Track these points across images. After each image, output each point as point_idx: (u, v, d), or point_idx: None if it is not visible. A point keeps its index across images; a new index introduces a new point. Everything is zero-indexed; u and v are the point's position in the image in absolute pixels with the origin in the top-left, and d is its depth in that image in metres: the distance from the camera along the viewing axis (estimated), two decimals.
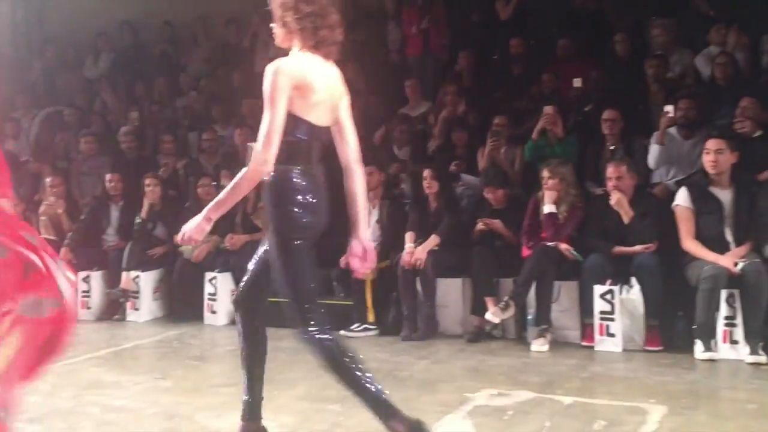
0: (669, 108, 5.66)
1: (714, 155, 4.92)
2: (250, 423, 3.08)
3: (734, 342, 4.68)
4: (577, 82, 6.70)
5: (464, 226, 5.82)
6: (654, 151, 5.75)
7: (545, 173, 5.47)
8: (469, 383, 4.20)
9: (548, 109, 6.16)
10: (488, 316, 5.23)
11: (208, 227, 2.82)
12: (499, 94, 7.33)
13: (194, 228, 2.80)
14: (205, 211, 2.80)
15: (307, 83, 2.76)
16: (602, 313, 5.03)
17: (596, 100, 6.51)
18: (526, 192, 5.92)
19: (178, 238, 2.89)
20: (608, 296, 5.03)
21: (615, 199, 5.18)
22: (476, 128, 6.75)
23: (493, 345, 5.30)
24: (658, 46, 6.85)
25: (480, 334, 5.41)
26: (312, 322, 2.81)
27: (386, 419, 2.76)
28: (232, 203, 2.81)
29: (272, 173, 2.78)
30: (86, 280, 6.76)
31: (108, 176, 7.20)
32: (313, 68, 2.81)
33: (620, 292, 5.03)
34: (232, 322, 6.25)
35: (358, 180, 2.97)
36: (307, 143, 2.82)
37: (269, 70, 2.74)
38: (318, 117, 2.83)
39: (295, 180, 2.80)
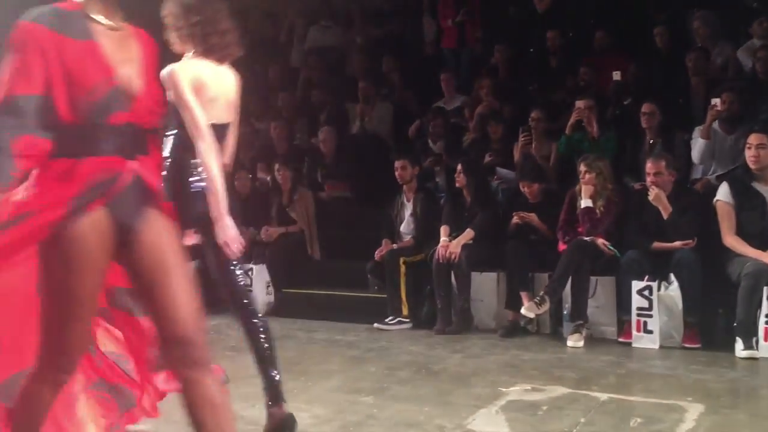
0: (716, 101, 5.54)
1: (756, 150, 4.82)
2: (275, 408, 3.13)
3: None
4: (616, 75, 6.60)
5: (499, 220, 5.79)
6: (699, 145, 5.65)
7: (582, 167, 5.41)
8: (503, 378, 4.18)
9: (580, 104, 6.09)
10: (523, 310, 5.20)
11: (230, 221, 2.95)
12: (536, 88, 7.27)
13: (226, 235, 2.96)
14: (216, 215, 2.92)
15: (199, 80, 2.94)
16: (640, 309, 4.96)
17: (635, 94, 6.41)
18: (562, 186, 5.86)
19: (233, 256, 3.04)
20: (646, 292, 4.96)
21: (653, 194, 5.10)
22: (512, 122, 6.70)
23: (528, 340, 5.26)
24: (699, 39, 6.71)
25: (514, 329, 5.38)
26: None
27: None
28: (220, 187, 2.91)
29: (170, 163, 2.98)
30: None
31: None
32: (204, 68, 2.99)
33: (658, 288, 4.95)
34: (267, 314, 6.32)
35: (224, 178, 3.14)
36: None
37: (164, 75, 2.90)
38: (215, 114, 2.99)
39: (191, 171, 2.97)
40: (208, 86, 2.97)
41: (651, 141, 5.80)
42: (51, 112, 1.98)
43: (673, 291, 4.93)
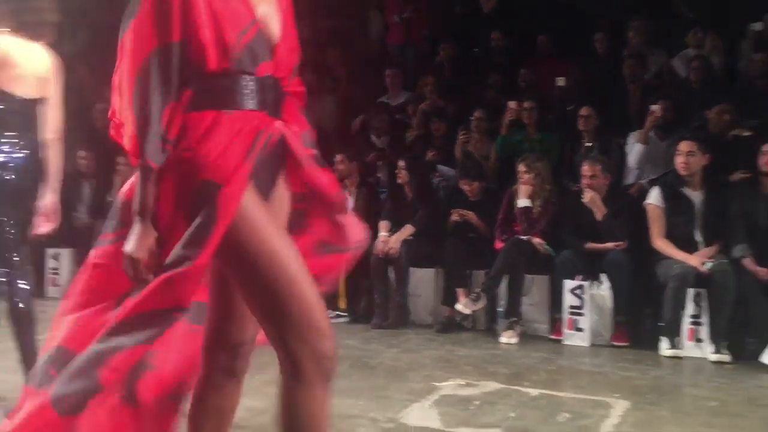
0: (656, 107, 5.72)
1: (685, 157, 4.98)
2: None
3: (699, 340, 4.77)
4: (560, 81, 6.73)
5: (439, 217, 5.84)
6: (637, 150, 5.82)
7: (521, 167, 5.51)
8: (437, 373, 4.23)
9: (512, 104, 6.21)
10: (459, 306, 5.27)
11: None
12: (479, 87, 7.36)
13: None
14: None
15: (5, 56, 3.07)
16: (572, 307, 5.09)
17: (577, 99, 6.55)
18: (501, 185, 5.96)
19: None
20: (578, 291, 5.09)
21: (588, 196, 5.23)
22: (455, 120, 6.77)
23: (463, 336, 5.34)
24: (635, 47, 6.91)
25: (450, 325, 5.45)
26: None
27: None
28: None
29: None
30: (56, 257, 6.69)
31: (81, 153, 7.11)
32: (13, 45, 3.11)
33: (590, 288, 5.09)
34: None
35: (51, 152, 3.29)
36: (10, 113, 3.13)
37: None
38: (22, 90, 3.14)
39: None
40: (16, 63, 3.08)
41: (588, 144, 5.95)
42: (196, 58, 1.70)
43: (603, 291, 5.08)
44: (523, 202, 5.45)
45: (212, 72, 1.71)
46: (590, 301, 5.06)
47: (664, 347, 4.75)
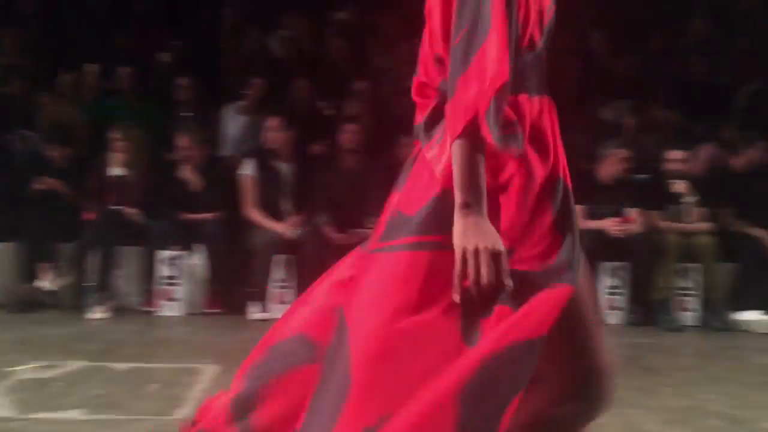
0: (256, 81, 5.92)
1: (273, 131, 5.29)
2: None
3: (284, 303, 5.09)
4: (165, 57, 6.57)
5: (19, 185, 5.27)
6: (234, 122, 5.95)
7: (115, 135, 5.29)
8: (12, 357, 3.83)
9: (89, 68, 6.01)
10: (42, 283, 4.94)
11: None
12: (69, 48, 6.79)
13: None
14: None
15: None
16: (166, 278, 5.05)
17: (178, 69, 6.45)
18: (92, 152, 5.61)
19: None
20: (173, 261, 5.06)
21: (185, 171, 5.24)
22: (39, 80, 6.16)
23: (46, 314, 4.94)
24: (232, 23, 7.06)
25: (30, 303, 5.00)
26: None
27: None
28: None
29: None
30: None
31: None
32: None
33: (185, 258, 5.10)
34: None
35: None
36: None
37: None
38: None
39: None
40: None
41: (185, 115, 5.93)
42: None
43: (198, 260, 5.14)
44: (117, 170, 5.23)
45: (522, 48, 1.43)
46: (185, 271, 5.07)
47: (254, 311, 4.98)
